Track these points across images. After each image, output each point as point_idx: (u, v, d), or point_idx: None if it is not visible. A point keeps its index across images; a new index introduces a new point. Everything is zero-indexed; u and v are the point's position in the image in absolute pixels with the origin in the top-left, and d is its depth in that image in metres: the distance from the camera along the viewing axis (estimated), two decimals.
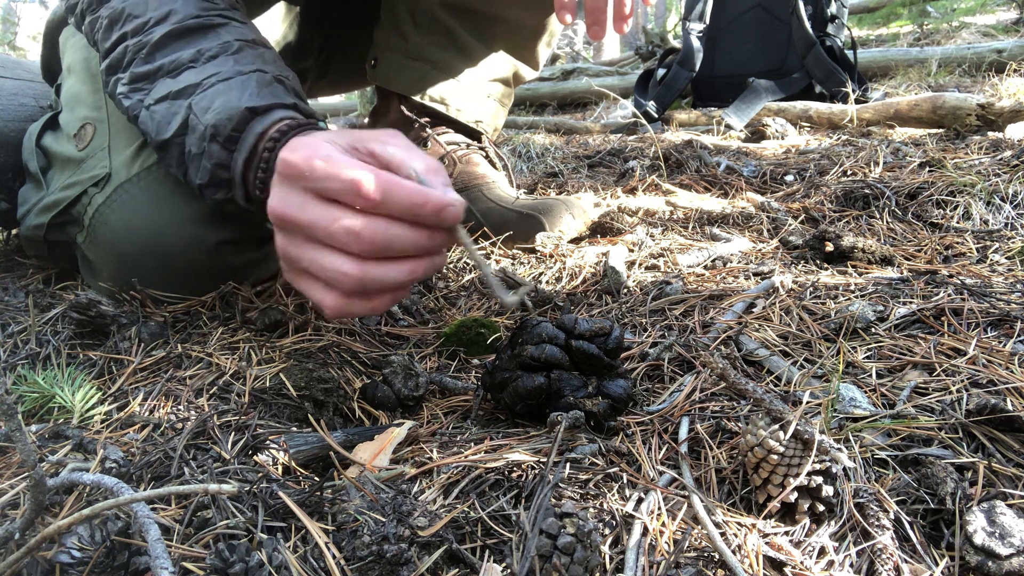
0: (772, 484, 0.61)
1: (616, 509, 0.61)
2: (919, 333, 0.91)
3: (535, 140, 2.84)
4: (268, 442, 0.73)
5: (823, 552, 0.57)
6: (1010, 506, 0.58)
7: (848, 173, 1.81)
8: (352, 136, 0.75)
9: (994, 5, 6.06)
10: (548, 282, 1.28)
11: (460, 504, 0.62)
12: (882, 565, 0.55)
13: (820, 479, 0.59)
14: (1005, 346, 0.85)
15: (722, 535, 0.58)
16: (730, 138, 2.64)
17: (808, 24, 2.99)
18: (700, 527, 0.59)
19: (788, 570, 0.55)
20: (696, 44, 3.33)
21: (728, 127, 2.78)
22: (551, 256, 1.38)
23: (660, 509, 0.61)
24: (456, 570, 0.56)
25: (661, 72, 3.46)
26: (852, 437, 0.69)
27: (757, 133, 2.57)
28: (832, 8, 3.05)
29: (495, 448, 0.71)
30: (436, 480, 0.66)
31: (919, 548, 0.58)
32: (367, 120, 1.74)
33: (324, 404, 0.85)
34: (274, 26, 1.56)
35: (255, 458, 0.72)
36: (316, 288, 0.73)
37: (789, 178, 1.90)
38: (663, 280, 1.19)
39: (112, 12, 0.96)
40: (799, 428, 0.62)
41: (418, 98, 1.49)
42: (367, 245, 0.67)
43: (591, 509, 0.61)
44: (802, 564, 0.55)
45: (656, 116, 3.21)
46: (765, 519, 0.60)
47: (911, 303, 0.99)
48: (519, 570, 0.53)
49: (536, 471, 0.66)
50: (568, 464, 0.67)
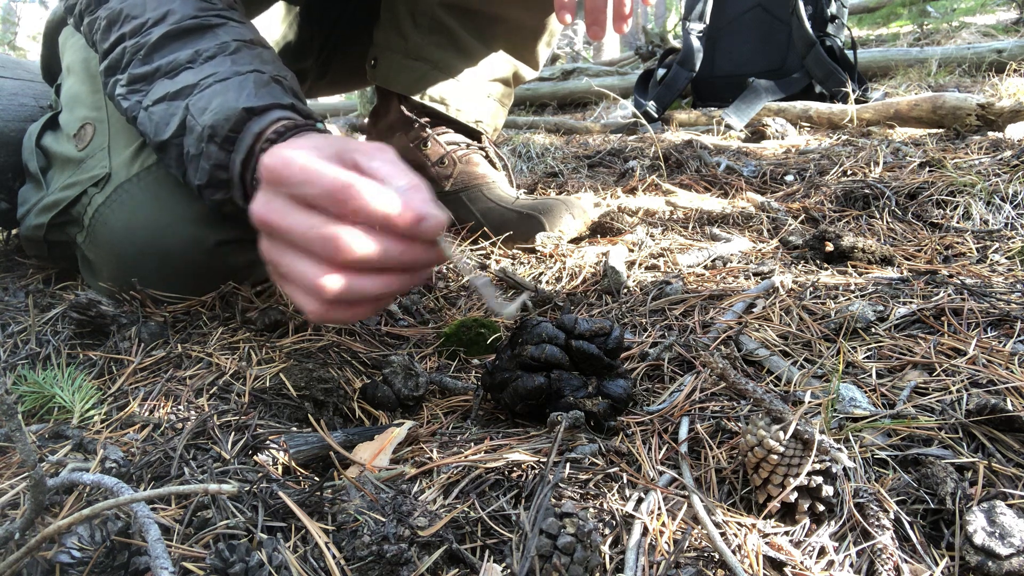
0: (772, 484, 0.61)
1: (616, 509, 0.61)
2: (919, 333, 0.91)
3: (535, 140, 2.84)
4: (268, 442, 0.73)
5: (823, 552, 0.57)
6: (1010, 506, 0.58)
7: (848, 173, 1.81)
8: (340, 145, 0.74)
9: (994, 5, 6.06)
10: (548, 282, 1.28)
11: (460, 504, 0.62)
12: (882, 565, 0.55)
13: (820, 479, 0.59)
14: (1005, 346, 0.85)
15: (722, 535, 0.58)
16: (730, 138, 2.64)
17: (808, 24, 2.99)
18: (700, 527, 0.59)
19: (788, 570, 0.55)
20: (696, 44, 3.33)
21: (728, 127, 2.78)
22: (551, 256, 1.38)
23: (660, 509, 0.61)
24: (456, 570, 0.56)
25: (661, 72, 3.46)
26: (852, 437, 0.69)
27: (757, 133, 2.57)
28: (832, 8, 3.05)
29: (495, 448, 0.71)
30: (436, 480, 0.66)
31: (919, 548, 0.58)
32: (367, 120, 1.74)
33: (324, 404, 0.85)
34: (274, 26, 1.56)
35: (255, 458, 0.71)
36: (297, 294, 0.71)
37: (789, 178, 1.90)
38: (663, 280, 1.19)
39: (110, 13, 0.96)
40: (799, 428, 0.62)
41: (418, 98, 1.49)
42: (344, 255, 0.66)
43: (591, 509, 0.61)
44: (802, 564, 0.55)
45: (656, 116, 3.21)
46: (765, 519, 0.60)
47: (911, 303, 0.99)
48: (519, 570, 0.53)
49: (536, 471, 0.66)
50: (568, 464, 0.67)
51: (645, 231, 1.51)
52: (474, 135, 1.59)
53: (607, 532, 0.59)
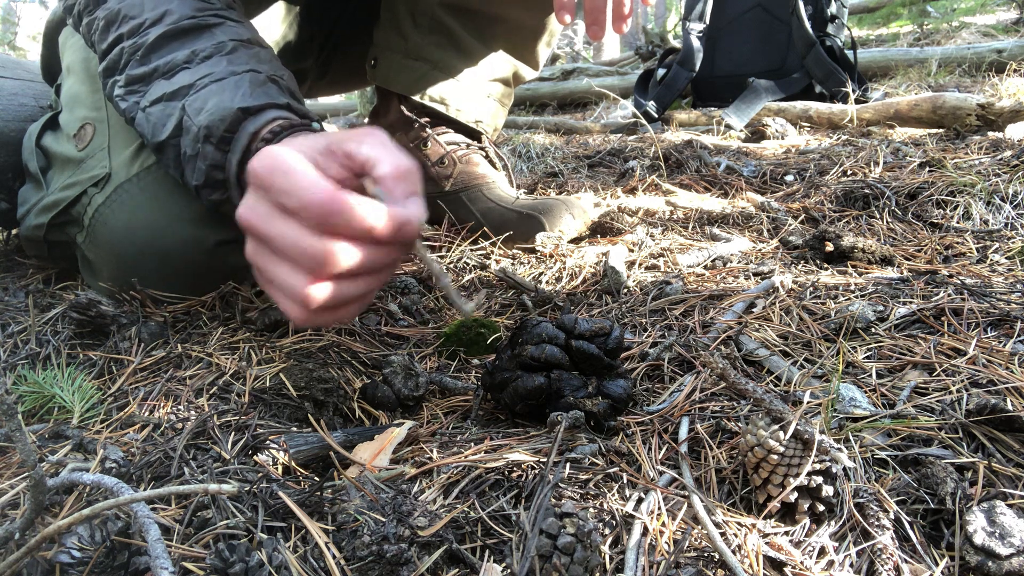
0: (772, 484, 0.61)
1: (616, 509, 0.61)
2: (919, 333, 0.91)
3: (535, 140, 2.84)
4: (268, 442, 0.73)
5: (823, 552, 0.57)
6: (1010, 506, 0.58)
7: (848, 173, 1.81)
8: (331, 139, 0.74)
9: (994, 5, 6.06)
10: (548, 282, 1.29)
11: (460, 504, 0.62)
12: (882, 565, 0.55)
13: (820, 479, 0.59)
14: (1005, 346, 0.85)
15: (722, 535, 0.58)
16: (730, 138, 2.64)
17: (808, 24, 2.99)
18: (700, 527, 0.59)
19: (788, 570, 0.55)
20: (696, 44, 3.33)
21: (728, 127, 2.78)
22: (551, 256, 1.38)
23: (660, 509, 0.61)
24: (456, 570, 0.56)
25: (661, 72, 3.46)
26: (852, 437, 0.69)
27: (757, 133, 2.57)
28: (832, 8, 3.05)
29: (495, 448, 0.71)
30: (436, 480, 0.66)
31: (919, 548, 0.58)
32: (367, 120, 1.74)
33: (324, 404, 0.85)
34: (274, 26, 1.56)
35: (255, 458, 0.71)
36: (282, 299, 0.72)
37: (789, 178, 1.90)
38: (663, 280, 1.19)
39: (108, 13, 0.96)
40: (799, 428, 0.62)
41: (418, 98, 1.49)
42: (328, 269, 0.66)
43: (591, 509, 0.61)
44: (802, 564, 0.55)
45: (656, 116, 3.21)
46: (765, 519, 0.60)
47: (911, 303, 0.99)
48: (519, 570, 0.53)
49: (536, 471, 0.66)
50: (568, 464, 0.67)
51: (645, 231, 1.51)
52: (474, 135, 1.59)
53: (607, 532, 0.59)
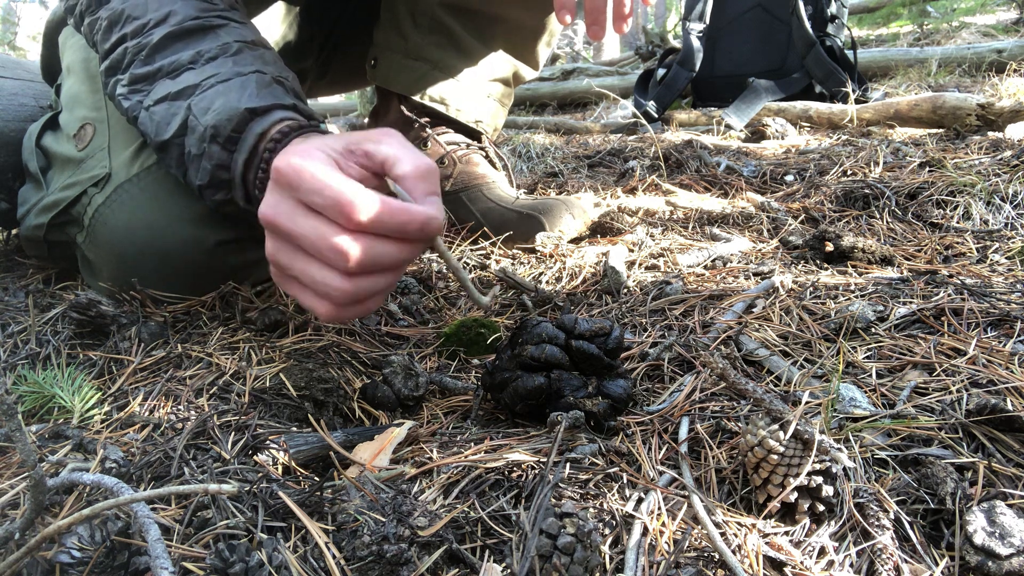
0: (772, 484, 0.61)
1: (616, 509, 0.61)
2: (919, 333, 0.91)
3: (535, 140, 2.84)
4: (268, 442, 0.73)
5: (823, 552, 0.57)
6: (1010, 506, 0.58)
7: (848, 173, 1.81)
8: (349, 139, 0.76)
9: (994, 5, 6.06)
10: (548, 282, 1.28)
11: (460, 504, 0.62)
12: (882, 565, 0.55)
13: (820, 479, 0.59)
14: (1005, 346, 0.85)
15: (722, 535, 0.58)
16: (730, 138, 2.64)
17: (808, 24, 2.99)
18: (700, 527, 0.59)
19: (788, 570, 0.55)
20: (696, 44, 3.33)
21: (728, 127, 2.78)
22: (551, 256, 1.38)
23: (660, 509, 0.61)
24: (456, 570, 0.56)
25: (661, 72, 3.46)
26: (852, 437, 0.69)
27: (757, 133, 2.57)
28: (832, 8, 3.05)
29: (495, 448, 0.71)
30: (436, 480, 0.66)
31: (919, 548, 0.58)
32: (367, 120, 1.74)
33: (324, 404, 0.85)
34: (274, 26, 1.56)
35: (255, 458, 0.71)
36: (307, 296, 0.75)
37: (789, 178, 1.90)
38: (663, 280, 1.19)
39: (111, 14, 0.96)
40: (799, 428, 0.62)
41: (418, 98, 1.49)
42: (355, 265, 0.69)
43: (591, 509, 0.61)
44: (802, 564, 0.55)
45: (656, 116, 3.21)
46: (765, 519, 0.60)
47: (911, 303, 0.99)
48: (519, 570, 0.53)
49: (536, 471, 0.66)
50: (568, 464, 0.67)
51: (645, 231, 1.51)
52: (474, 135, 1.59)
53: (607, 532, 0.59)
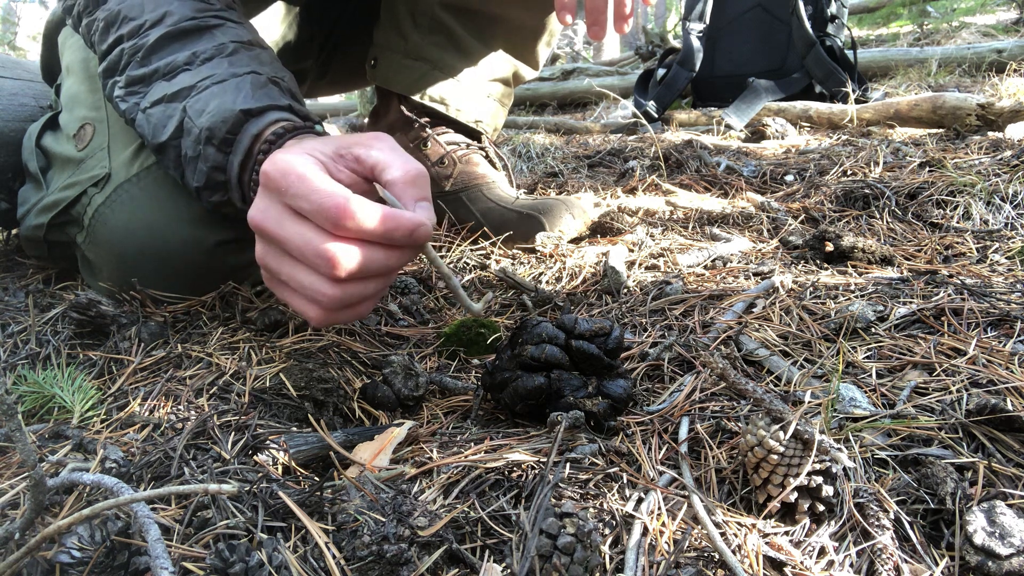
0: (772, 484, 0.61)
1: (616, 509, 0.61)
2: (919, 333, 0.91)
3: (535, 140, 2.84)
4: (268, 442, 0.73)
5: (823, 552, 0.57)
6: (1010, 506, 0.58)
7: (848, 173, 1.81)
8: (339, 142, 0.76)
9: (994, 5, 6.06)
10: (548, 282, 1.28)
11: (460, 504, 0.62)
12: (882, 565, 0.55)
13: (820, 479, 0.59)
14: (1005, 346, 0.85)
15: (722, 535, 0.58)
16: (730, 138, 2.64)
17: (808, 24, 2.99)
18: (700, 527, 0.59)
19: (788, 570, 0.55)
20: (696, 44, 3.33)
21: (728, 127, 2.78)
22: (551, 256, 1.38)
23: (660, 509, 0.61)
24: (456, 570, 0.56)
25: (661, 72, 3.47)
26: (852, 437, 0.69)
27: (757, 133, 2.57)
28: (832, 8, 3.05)
29: (495, 448, 0.71)
30: (436, 480, 0.66)
31: (919, 548, 0.58)
32: (367, 120, 1.74)
33: (324, 404, 0.85)
34: (273, 26, 1.56)
35: (255, 458, 0.71)
36: (297, 300, 0.75)
37: (789, 178, 1.90)
38: (663, 280, 1.19)
39: (108, 14, 0.96)
40: (799, 428, 0.62)
41: (418, 98, 1.49)
42: (342, 272, 0.69)
43: (591, 509, 0.61)
44: (802, 564, 0.55)
45: (656, 116, 3.21)
46: (765, 519, 0.60)
47: (911, 303, 0.99)
48: (519, 570, 0.53)
49: (536, 471, 0.66)
50: (568, 464, 0.67)
51: (645, 231, 1.51)
52: (474, 135, 1.59)
53: (607, 532, 0.59)
